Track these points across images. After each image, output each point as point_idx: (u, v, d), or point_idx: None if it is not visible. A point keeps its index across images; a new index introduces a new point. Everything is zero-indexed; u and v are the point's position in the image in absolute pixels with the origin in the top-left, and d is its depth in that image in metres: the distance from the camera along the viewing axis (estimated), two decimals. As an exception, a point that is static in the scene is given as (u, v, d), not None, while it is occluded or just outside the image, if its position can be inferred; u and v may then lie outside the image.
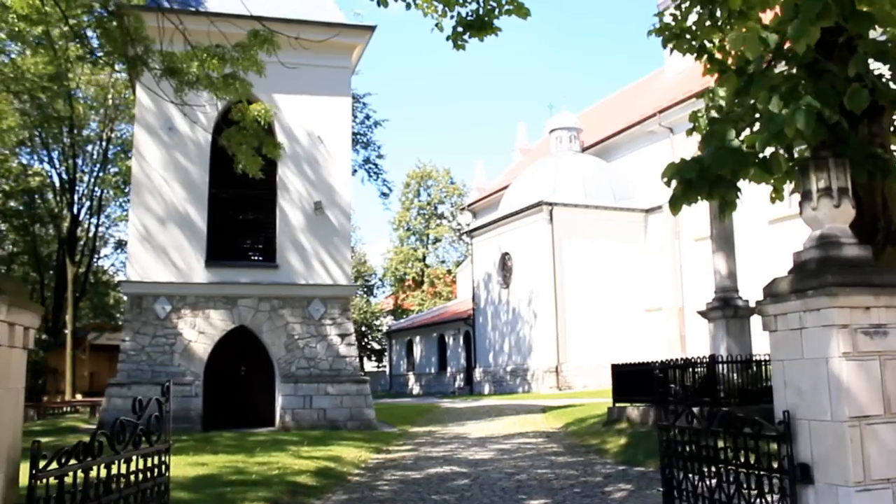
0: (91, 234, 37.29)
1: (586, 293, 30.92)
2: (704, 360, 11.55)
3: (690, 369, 11.77)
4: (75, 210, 33.76)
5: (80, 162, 34.17)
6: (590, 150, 35.58)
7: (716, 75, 7.91)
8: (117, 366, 15.47)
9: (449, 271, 61.39)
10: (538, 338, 31.52)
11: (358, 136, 33.24)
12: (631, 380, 13.20)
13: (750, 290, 24.74)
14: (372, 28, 16.83)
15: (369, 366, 63.22)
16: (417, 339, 46.85)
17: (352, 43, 17.10)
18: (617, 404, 13.58)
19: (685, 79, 32.98)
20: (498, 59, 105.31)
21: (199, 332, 15.77)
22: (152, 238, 15.76)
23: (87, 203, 35.53)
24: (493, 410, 20.23)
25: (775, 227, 25.90)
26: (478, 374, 36.39)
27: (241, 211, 16.96)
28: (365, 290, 64.04)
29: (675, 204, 4.82)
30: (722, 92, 7.24)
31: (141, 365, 15.26)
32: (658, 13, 7.93)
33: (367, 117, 32.96)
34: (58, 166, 34.41)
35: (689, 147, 25.45)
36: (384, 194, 33.79)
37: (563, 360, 30.36)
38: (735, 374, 11.43)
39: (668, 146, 31.36)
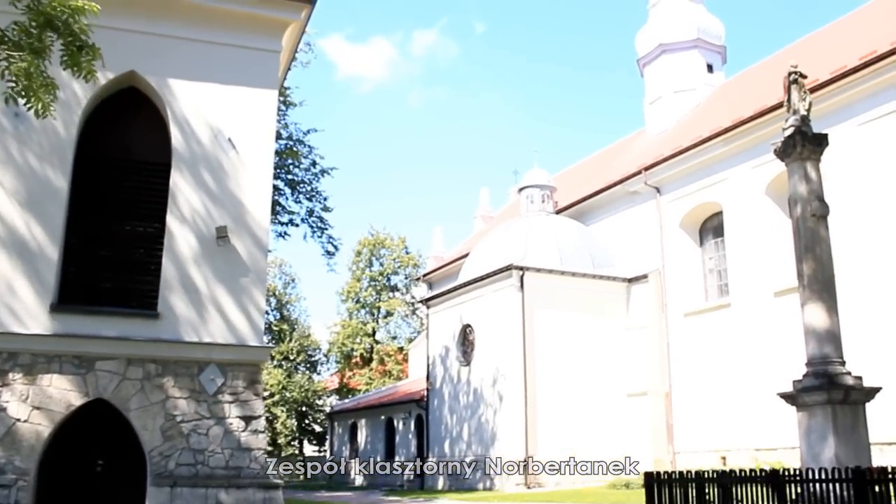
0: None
1: (560, 373, 26.56)
2: (827, 475, 7.00)
3: (788, 486, 7.25)
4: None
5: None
6: (564, 213, 31.76)
7: None
8: None
9: (401, 348, 56.70)
10: (503, 424, 26.81)
11: (302, 185, 28.78)
12: (681, 497, 8.57)
13: (779, 368, 20.61)
14: (311, 0, 12.57)
15: (309, 450, 58.06)
16: (363, 421, 41.65)
17: (282, 19, 12.73)
18: (655, 536, 8.90)
19: (669, 137, 29.74)
20: (459, 123, 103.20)
21: (34, 408, 10.77)
22: (-29, 268, 10.89)
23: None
24: (454, 522, 15.37)
25: (782, 300, 22.07)
26: (431, 464, 31.37)
27: (111, 234, 12.14)
28: (308, 366, 59.06)
29: None
30: None
31: (-66, 456, 10.19)
32: None
33: (314, 164, 28.50)
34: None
35: (677, 210, 21.33)
36: (329, 253, 28.65)
37: (532, 451, 25.63)
38: (845, 494, 6.94)
39: (653, 208, 27.76)
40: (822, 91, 20.03)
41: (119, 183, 12.19)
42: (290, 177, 28.00)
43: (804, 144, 9.39)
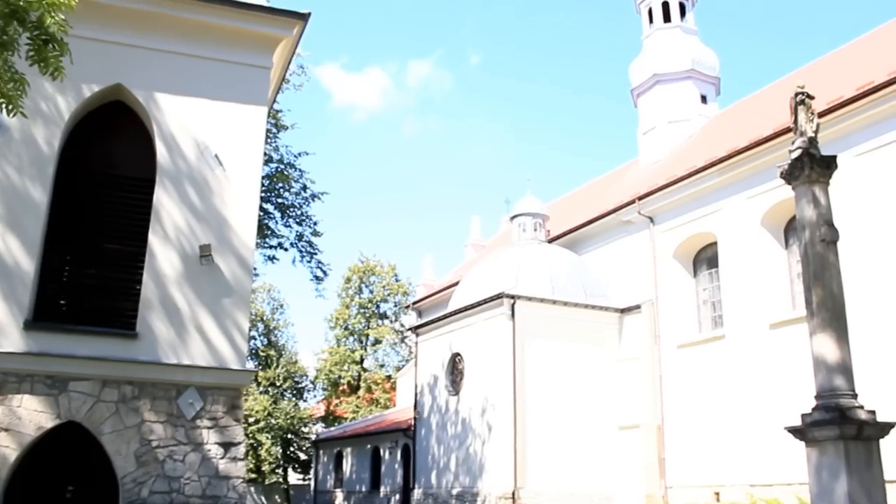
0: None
1: (551, 404, 26.04)
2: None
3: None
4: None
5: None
6: (556, 242, 31.44)
7: None
8: None
9: (389, 377, 55.99)
10: (492, 456, 26.25)
11: (292, 209, 28.43)
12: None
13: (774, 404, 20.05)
14: (304, 16, 12.29)
15: (294, 477, 57.06)
16: (348, 450, 40.96)
17: (274, 35, 12.45)
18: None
19: (663, 168, 29.56)
20: (451, 152, 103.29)
21: (1, 430, 10.25)
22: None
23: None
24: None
25: (777, 332, 21.75)
26: (417, 495, 30.71)
27: (90, 251, 11.72)
28: (294, 392, 58.21)
29: None
30: None
31: None
32: None
33: (304, 188, 28.12)
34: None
35: (671, 240, 20.94)
36: (317, 278, 28.20)
37: (521, 484, 25.05)
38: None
39: (646, 238, 27.46)
40: (819, 121, 19.87)
41: (101, 198, 11.80)
42: (280, 200, 27.60)
43: (812, 167, 9.06)
